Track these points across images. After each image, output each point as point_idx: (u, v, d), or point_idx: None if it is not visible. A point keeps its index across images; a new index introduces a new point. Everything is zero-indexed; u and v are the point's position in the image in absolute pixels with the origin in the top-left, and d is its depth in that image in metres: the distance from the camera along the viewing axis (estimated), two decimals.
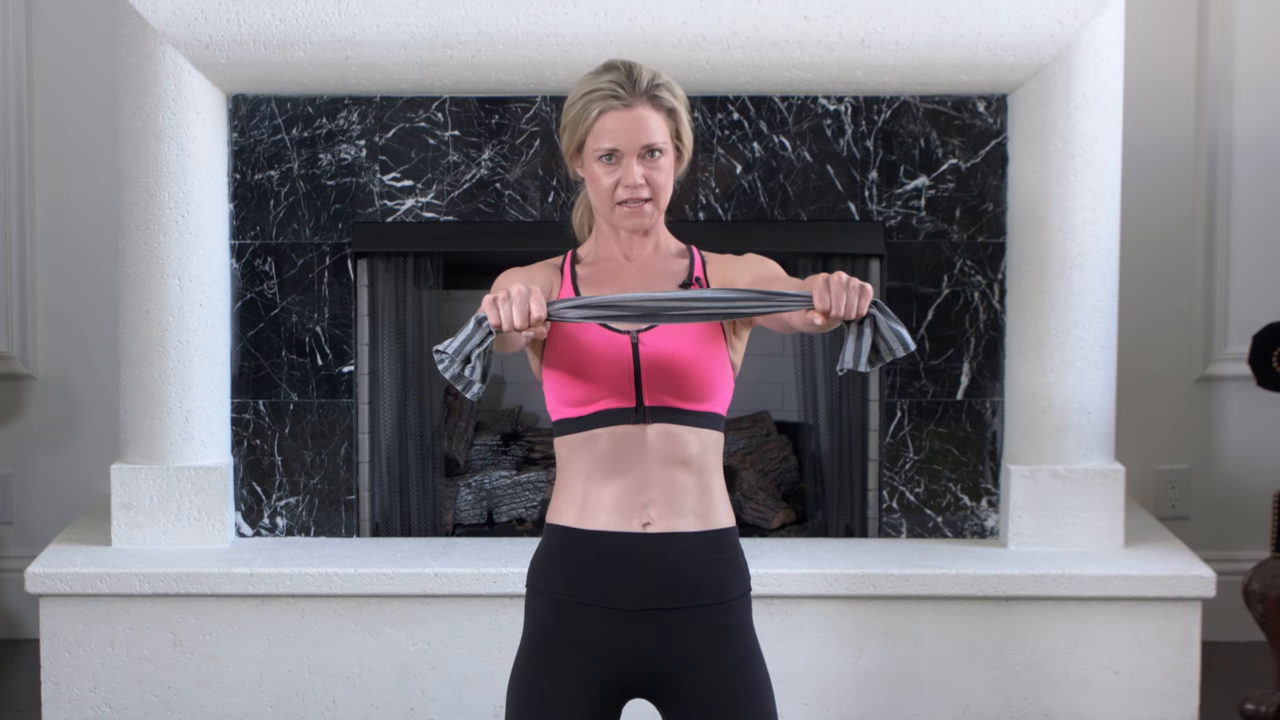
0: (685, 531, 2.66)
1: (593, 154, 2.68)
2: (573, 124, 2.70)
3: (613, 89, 2.67)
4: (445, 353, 2.49)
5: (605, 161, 2.68)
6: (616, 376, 2.64)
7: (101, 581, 4.08)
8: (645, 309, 2.47)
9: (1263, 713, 4.18)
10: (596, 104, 2.67)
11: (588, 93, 2.68)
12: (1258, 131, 4.89)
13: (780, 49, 4.15)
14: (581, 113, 2.68)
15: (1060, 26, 4.13)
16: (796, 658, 4.08)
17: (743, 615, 2.70)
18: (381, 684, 4.10)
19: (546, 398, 2.71)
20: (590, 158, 2.69)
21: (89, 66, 4.83)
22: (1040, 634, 4.09)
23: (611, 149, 2.67)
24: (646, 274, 2.74)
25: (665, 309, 2.47)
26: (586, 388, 2.64)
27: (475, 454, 4.72)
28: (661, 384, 2.64)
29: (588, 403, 2.65)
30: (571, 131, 2.70)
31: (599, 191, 2.70)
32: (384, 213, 4.28)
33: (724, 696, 2.64)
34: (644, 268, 2.75)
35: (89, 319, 4.91)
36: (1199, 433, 5.00)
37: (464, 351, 2.47)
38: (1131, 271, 4.70)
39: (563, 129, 2.73)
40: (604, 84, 2.67)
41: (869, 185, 4.27)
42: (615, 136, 2.66)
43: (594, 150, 2.68)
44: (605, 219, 2.73)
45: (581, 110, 2.68)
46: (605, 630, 2.65)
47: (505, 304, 2.45)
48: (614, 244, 2.76)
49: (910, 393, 4.32)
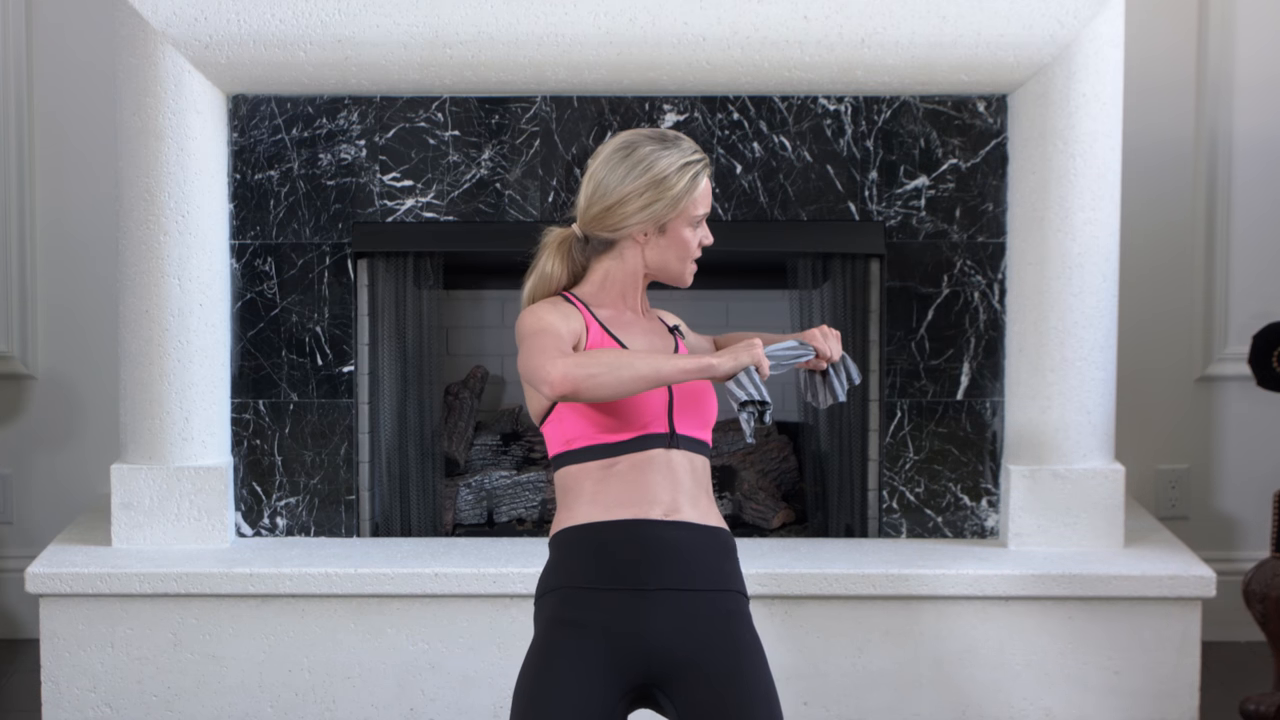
0: (693, 523, 2.82)
1: (692, 219, 2.87)
2: (677, 198, 2.84)
3: (704, 158, 2.88)
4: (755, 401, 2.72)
5: (695, 224, 2.89)
6: (656, 406, 2.82)
7: (101, 581, 4.08)
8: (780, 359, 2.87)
9: (1263, 713, 4.18)
10: (703, 174, 2.86)
11: (689, 164, 2.84)
12: (1258, 131, 4.89)
13: (780, 49, 4.15)
14: (691, 184, 2.84)
15: (1060, 26, 4.13)
16: (796, 658, 4.08)
17: (746, 610, 2.83)
18: (381, 684, 4.10)
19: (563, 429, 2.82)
20: (686, 222, 2.87)
21: (89, 66, 4.82)
22: (1040, 634, 4.09)
23: (705, 213, 2.89)
24: (649, 324, 2.95)
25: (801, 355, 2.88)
26: (631, 416, 2.80)
27: (475, 454, 4.72)
28: (688, 413, 2.86)
29: (628, 429, 2.80)
30: (673, 205, 2.84)
31: (684, 250, 2.88)
32: (384, 213, 4.28)
33: (734, 674, 2.72)
34: (645, 318, 2.96)
35: (89, 319, 4.91)
36: (1199, 433, 5.00)
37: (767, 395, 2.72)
38: (1131, 271, 4.70)
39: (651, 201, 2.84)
40: (696, 154, 2.87)
41: (869, 185, 4.27)
42: (708, 201, 2.90)
43: (694, 215, 2.87)
44: (672, 277, 2.92)
45: (690, 181, 2.84)
46: (619, 610, 2.74)
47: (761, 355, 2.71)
48: (632, 295, 2.93)
49: (910, 393, 4.32)
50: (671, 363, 2.69)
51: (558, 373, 2.65)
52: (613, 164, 2.84)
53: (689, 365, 2.69)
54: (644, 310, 2.96)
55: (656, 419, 2.82)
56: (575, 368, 2.65)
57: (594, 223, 2.86)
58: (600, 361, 2.67)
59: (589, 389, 2.65)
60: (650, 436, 2.81)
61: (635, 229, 2.85)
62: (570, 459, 2.83)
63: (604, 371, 2.66)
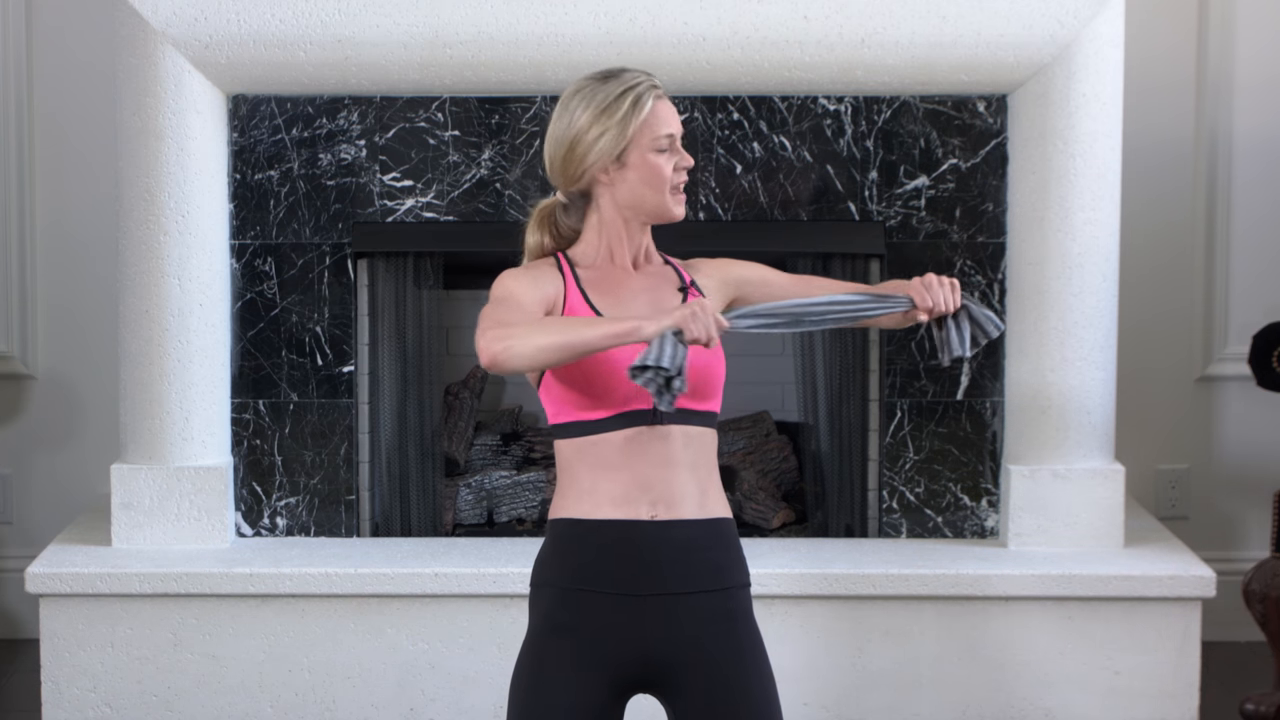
0: (688, 519, 2.69)
1: (651, 144, 2.70)
2: (623, 121, 2.69)
3: (649, 80, 2.70)
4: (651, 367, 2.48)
5: (662, 150, 2.71)
6: None
7: (101, 581, 4.08)
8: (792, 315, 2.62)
9: (1263, 713, 4.18)
10: (647, 95, 2.70)
11: (628, 89, 2.69)
12: (1258, 131, 4.89)
13: (780, 49, 4.15)
14: (634, 107, 2.69)
15: (1060, 26, 4.13)
16: (796, 658, 4.08)
17: (745, 604, 2.74)
18: (381, 684, 4.10)
19: (552, 400, 2.71)
20: (647, 149, 2.70)
21: (89, 66, 4.82)
22: (1040, 634, 4.09)
23: (671, 134, 2.71)
24: (648, 281, 2.76)
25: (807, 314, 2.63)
26: (606, 392, 2.66)
27: (475, 454, 4.72)
28: None
29: (606, 406, 2.66)
30: (621, 130, 2.69)
31: (658, 180, 2.71)
32: (384, 213, 4.28)
33: (731, 679, 2.66)
34: (644, 273, 2.77)
35: (89, 319, 4.91)
36: (1199, 433, 5.00)
37: (676, 364, 2.48)
38: (1131, 271, 4.70)
39: (599, 134, 2.69)
40: (636, 79, 2.70)
41: (869, 185, 4.27)
42: (671, 122, 2.71)
43: (653, 139, 2.70)
44: (646, 210, 2.73)
45: (633, 104, 2.69)
46: (612, 616, 2.66)
47: (703, 317, 2.48)
48: (623, 247, 2.76)
49: (910, 393, 4.32)
50: (594, 328, 2.50)
51: (481, 345, 2.53)
52: (559, 113, 2.73)
53: (614, 329, 2.49)
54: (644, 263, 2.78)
55: (639, 393, 2.64)
56: (494, 341, 2.51)
57: (561, 179, 2.75)
58: (518, 331, 2.53)
59: (505, 360, 2.51)
60: (631, 414, 2.66)
61: (595, 170, 2.71)
62: (558, 433, 2.71)
63: (519, 342, 2.50)
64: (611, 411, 2.66)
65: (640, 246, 2.77)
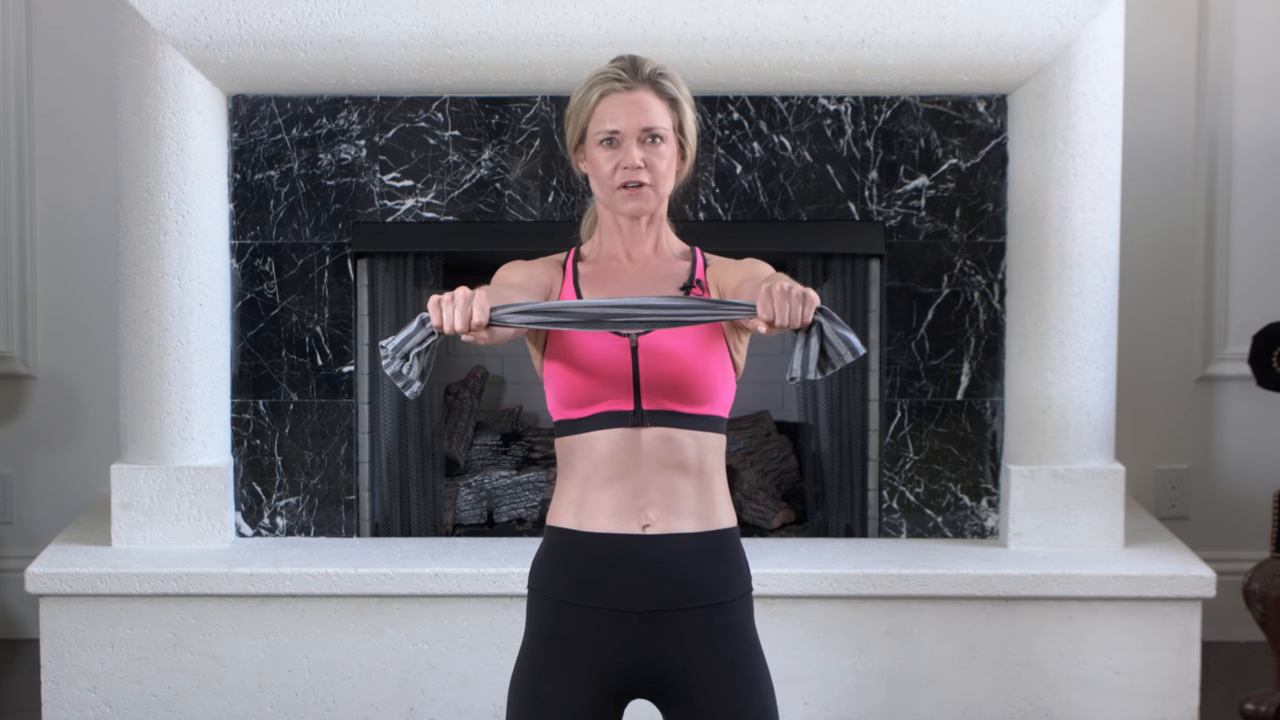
0: (685, 532, 2.65)
1: (594, 139, 2.69)
2: (575, 112, 2.71)
3: (615, 73, 2.68)
4: (386, 348, 2.46)
5: (606, 145, 2.68)
6: (615, 379, 2.62)
7: (101, 581, 4.08)
8: (590, 315, 2.45)
9: (1263, 713, 4.18)
10: (598, 89, 2.68)
11: (594, 83, 2.69)
12: (1258, 131, 4.89)
13: (780, 49, 4.15)
14: (583, 99, 2.69)
15: (1060, 26, 4.13)
16: (796, 658, 4.08)
17: (744, 615, 2.69)
18: (381, 684, 4.10)
19: (547, 397, 2.70)
20: (592, 143, 2.69)
21: (89, 67, 4.83)
22: (1040, 634, 4.09)
23: (613, 131, 2.67)
24: (647, 274, 2.73)
25: (609, 316, 2.44)
26: (586, 390, 2.63)
27: (475, 454, 4.72)
28: (660, 387, 2.63)
29: (586, 405, 2.64)
30: (574, 121, 2.71)
31: (600, 176, 2.69)
32: (384, 213, 4.28)
33: (725, 697, 2.64)
34: (645, 268, 2.74)
35: (89, 319, 4.91)
36: (1199, 433, 5.00)
37: (404, 349, 2.44)
38: (1131, 271, 4.70)
39: (567, 122, 2.74)
40: (607, 69, 2.70)
41: (869, 185, 4.27)
42: (616, 118, 2.67)
43: (595, 135, 2.68)
44: (607, 206, 2.72)
45: (584, 97, 2.70)
46: (606, 632, 2.64)
47: (449, 305, 2.43)
48: (617, 241, 2.74)
49: (910, 393, 4.32)
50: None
51: None
52: None
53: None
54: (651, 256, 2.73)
55: (617, 392, 2.61)
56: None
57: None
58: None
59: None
60: (609, 415, 2.61)
61: (573, 159, 2.74)
62: (556, 431, 2.70)
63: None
64: (589, 411, 2.64)
65: (641, 239, 2.74)
